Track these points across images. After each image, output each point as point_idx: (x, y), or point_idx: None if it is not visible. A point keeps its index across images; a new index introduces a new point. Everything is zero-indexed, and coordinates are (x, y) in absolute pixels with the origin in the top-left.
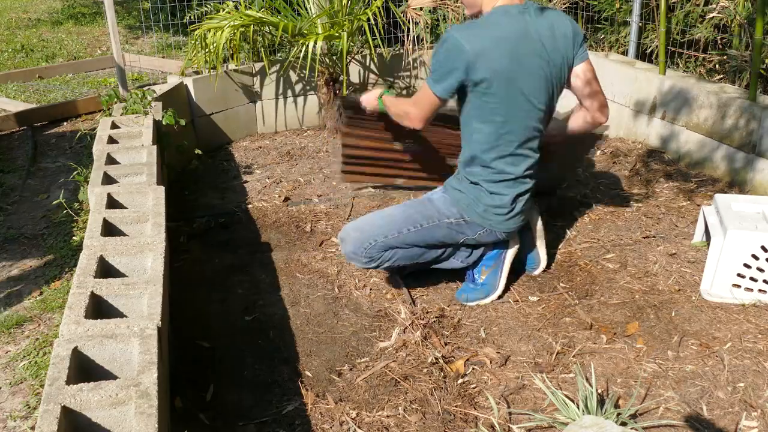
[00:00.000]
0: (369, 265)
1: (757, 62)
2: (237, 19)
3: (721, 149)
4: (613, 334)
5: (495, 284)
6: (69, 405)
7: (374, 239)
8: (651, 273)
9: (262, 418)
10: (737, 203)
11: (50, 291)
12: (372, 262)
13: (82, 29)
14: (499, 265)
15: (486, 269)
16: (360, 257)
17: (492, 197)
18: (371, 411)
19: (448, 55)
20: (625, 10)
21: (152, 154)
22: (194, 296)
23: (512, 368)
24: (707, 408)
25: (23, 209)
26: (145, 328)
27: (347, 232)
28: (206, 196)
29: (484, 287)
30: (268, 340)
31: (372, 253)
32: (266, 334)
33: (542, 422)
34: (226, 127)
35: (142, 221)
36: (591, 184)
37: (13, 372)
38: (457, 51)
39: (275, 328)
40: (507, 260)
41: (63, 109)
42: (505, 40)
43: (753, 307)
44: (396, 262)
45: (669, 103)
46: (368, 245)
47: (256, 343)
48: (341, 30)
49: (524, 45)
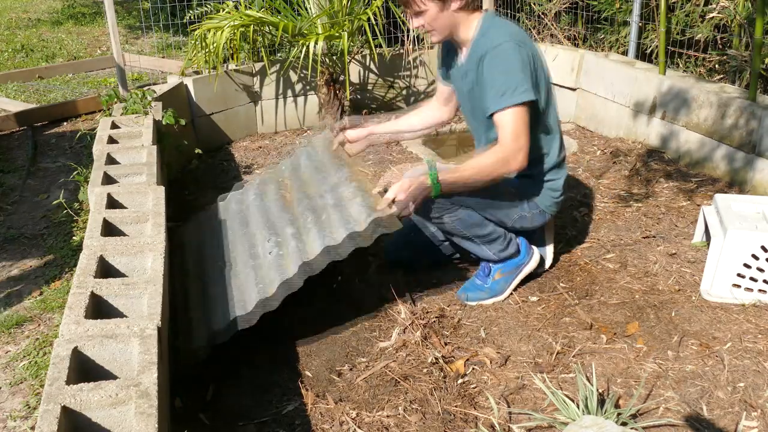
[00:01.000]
0: (431, 213)
1: (757, 62)
2: (237, 19)
3: (721, 149)
4: (613, 334)
5: (503, 290)
6: (69, 405)
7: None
8: (651, 273)
9: (262, 418)
10: (737, 203)
11: (50, 291)
12: (435, 212)
13: (82, 29)
14: (514, 274)
15: (502, 273)
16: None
17: (549, 182)
18: (371, 411)
19: (523, 61)
20: (625, 10)
21: (152, 154)
22: None
23: (512, 368)
24: (707, 408)
25: (23, 209)
26: (145, 328)
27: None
28: (206, 196)
29: (492, 289)
30: (268, 339)
31: (438, 201)
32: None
33: (542, 422)
34: (226, 127)
35: (142, 221)
36: (591, 184)
37: (13, 372)
38: (528, 54)
39: (275, 328)
40: (523, 273)
41: (63, 109)
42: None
43: (753, 307)
44: (454, 223)
45: (669, 103)
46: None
47: (256, 343)
48: (341, 30)
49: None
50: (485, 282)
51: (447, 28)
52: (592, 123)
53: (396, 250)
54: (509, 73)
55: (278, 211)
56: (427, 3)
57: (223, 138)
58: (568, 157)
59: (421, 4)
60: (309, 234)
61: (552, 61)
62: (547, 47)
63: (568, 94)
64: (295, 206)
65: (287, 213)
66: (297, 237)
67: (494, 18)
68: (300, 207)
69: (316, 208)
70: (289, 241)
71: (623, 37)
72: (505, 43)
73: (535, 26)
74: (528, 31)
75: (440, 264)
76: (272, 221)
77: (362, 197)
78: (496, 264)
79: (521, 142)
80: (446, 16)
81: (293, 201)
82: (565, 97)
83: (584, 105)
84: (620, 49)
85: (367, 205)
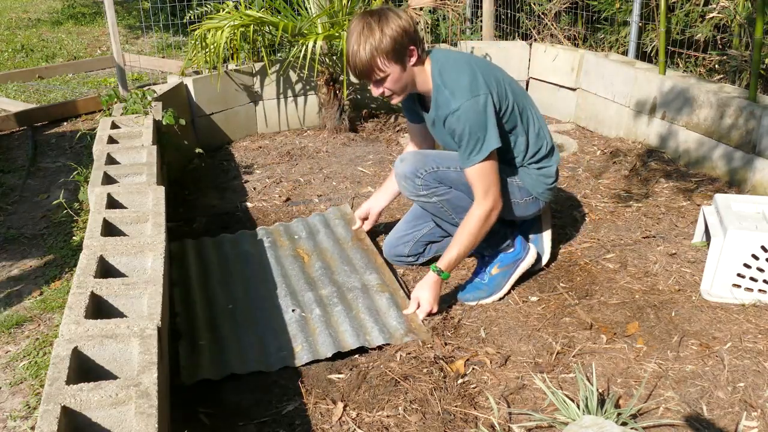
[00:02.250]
0: (420, 191)
1: (756, 62)
2: (237, 19)
3: (721, 149)
4: (613, 334)
5: (501, 285)
6: (69, 405)
7: (436, 165)
8: (651, 273)
9: (262, 418)
10: (737, 203)
11: (50, 291)
12: (424, 189)
13: (82, 29)
14: (511, 269)
15: (499, 267)
16: (415, 179)
17: (542, 170)
18: (371, 411)
19: (479, 114)
20: (625, 10)
21: (152, 154)
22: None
23: (512, 368)
24: (707, 408)
25: (23, 209)
26: (145, 328)
27: (408, 155)
28: (206, 196)
29: (490, 285)
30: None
31: (428, 181)
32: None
33: (542, 422)
34: (226, 127)
35: (142, 221)
36: (591, 184)
37: (13, 372)
38: (483, 101)
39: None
40: (521, 268)
41: (63, 109)
42: (476, 60)
43: (753, 307)
44: (443, 205)
45: (669, 103)
46: (429, 169)
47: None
48: (341, 30)
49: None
50: (483, 278)
51: (407, 86)
52: (592, 123)
53: (396, 246)
54: (471, 133)
55: (298, 271)
56: (389, 66)
57: (223, 138)
58: (568, 157)
59: (384, 69)
60: (338, 318)
61: (552, 61)
62: (547, 47)
63: (568, 94)
64: (316, 274)
65: (307, 277)
66: (321, 307)
67: (440, 59)
68: (322, 278)
69: (343, 296)
70: (312, 306)
71: (623, 37)
72: (461, 106)
73: (535, 26)
74: (528, 31)
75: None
76: (291, 279)
77: (397, 312)
78: (492, 259)
79: (492, 193)
80: (406, 75)
81: (312, 268)
82: (565, 97)
83: (584, 105)
84: (620, 49)
85: (403, 323)
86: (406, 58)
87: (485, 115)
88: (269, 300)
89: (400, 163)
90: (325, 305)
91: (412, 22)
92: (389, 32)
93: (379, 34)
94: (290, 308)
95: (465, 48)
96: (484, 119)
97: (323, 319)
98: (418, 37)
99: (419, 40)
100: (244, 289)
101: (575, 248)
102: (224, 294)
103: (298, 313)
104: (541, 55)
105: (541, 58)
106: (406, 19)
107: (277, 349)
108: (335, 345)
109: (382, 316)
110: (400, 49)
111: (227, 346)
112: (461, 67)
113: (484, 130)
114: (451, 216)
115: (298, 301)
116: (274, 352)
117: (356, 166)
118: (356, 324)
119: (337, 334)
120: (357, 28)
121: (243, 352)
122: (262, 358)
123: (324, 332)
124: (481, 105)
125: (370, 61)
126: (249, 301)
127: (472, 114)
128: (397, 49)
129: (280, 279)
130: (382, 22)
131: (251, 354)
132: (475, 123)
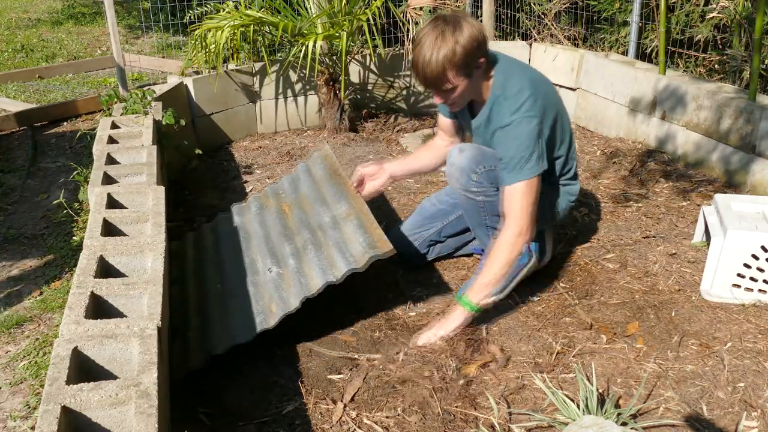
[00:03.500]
0: (471, 187)
1: (756, 62)
2: (237, 19)
3: (721, 149)
4: (613, 334)
5: (503, 287)
6: (69, 405)
7: (493, 165)
8: (651, 273)
9: (262, 418)
10: (737, 203)
11: (50, 291)
12: (476, 186)
13: (82, 29)
14: (515, 272)
15: None
16: (471, 174)
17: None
18: (371, 411)
19: (530, 136)
20: (625, 10)
21: (152, 154)
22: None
23: (512, 368)
24: (707, 408)
25: (23, 209)
26: (145, 328)
27: (467, 146)
28: (206, 196)
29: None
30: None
31: (483, 179)
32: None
33: (542, 422)
34: (226, 127)
35: (142, 221)
36: (591, 184)
37: (13, 372)
38: (536, 125)
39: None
40: (522, 273)
41: (63, 109)
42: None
43: (753, 307)
44: (485, 206)
45: (669, 103)
46: (487, 167)
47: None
48: (341, 30)
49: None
50: None
51: (470, 96)
52: (592, 123)
53: (400, 245)
54: (518, 150)
55: (279, 227)
56: (457, 80)
57: (223, 138)
58: None
59: (453, 81)
60: (309, 263)
61: (552, 61)
62: (547, 47)
63: (568, 94)
64: (294, 224)
65: (286, 230)
66: (296, 257)
67: (505, 70)
68: (299, 227)
69: (316, 238)
70: (287, 260)
71: (623, 37)
72: (514, 121)
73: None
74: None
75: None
76: (272, 238)
77: (363, 235)
78: None
79: (528, 216)
80: (472, 86)
81: (292, 219)
82: (565, 97)
83: (584, 105)
84: (620, 49)
85: (366, 240)
86: (474, 70)
87: (536, 136)
88: (252, 267)
89: (459, 153)
90: (300, 254)
91: (484, 31)
92: (463, 42)
93: (452, 44)
94: (268, 268)
95: None
96: (534, 140)
97: (297, 269)
98: (487, 46)
99: (488, 50)
100: (232, 264)
101: (575, 248)
102: (215, 275)
103: (275, 272)
104: (541, 55)
105: (541, 58)
106: (478, 28)
107: (257, 314)
108: (303, 291)
109: (348, 244)
110: (472, 61)
111: (213, 331)
112: (524, 84)
113: (532, 150)
114: (484, 217)
115: (277, 258)
116: (256, 320)
117: (356, 166)
118: (325, 263)
119: (307, 280)
120: (430, 35)
121: (228, 332)
122: (245, 330)
123: (297, 283)
124: (534, 126)
125: (441, 73)
126: (236, 275)
127: (522, 133)
128: (468, 63)
129: (262, 241)
130: (457, 32)
131: (235, 331)
132: (524, 142)
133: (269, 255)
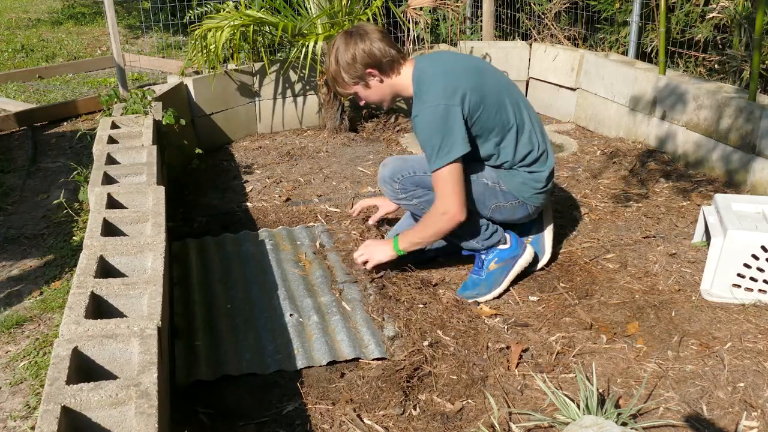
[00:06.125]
0: (398, 194)
1: (756, 61)
2: (237, 19)
3: (721, 149)
4: (613, 334)
5: (499, 281)
6: (69, 405)
7: (413, 170)
8: (651, 273)
9: (262, 418)
10: (737, 203)
11: (50, 291)
12: (402, 193)
13: (82, 29)
14: (509, 264)
15: (497, 263)
16: (393, 183)
17: (531, 174)
18: (371, 411)
19: (437, 123)
20: (625, 10)
21: (152, 154)
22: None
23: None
24: (707, 408)
25: (23, 209)
26: (145, 328)
27: (390, 160)
28: (206, 196)
29: (488, 281)
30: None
31: (406, 184)
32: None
33: (542, 422)
34: (226, 127)
35: (142, 221)
36: (591, 184)
37: (13, 372)
38: (443, 110)
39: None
40: (518, 265)
41: (63, 109)
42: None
43: (753, 307)
44: (424, 206)
45: (669, 103)
46: (406, 174)
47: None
48: (341, 30)
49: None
50: (480, 274)
51: (386, 95)
52: (592, 123)
53: None
54: (429, 139)
55: (296, 275)
56: (350, 87)
57: (223, 138)
58: (568, 156)
59: (346, 88)
60: (334, 325)
61: (552, 61)
62: (547, 47)
63: (568, 94)
64: (314, 278)
65: (305, 281)
66: (318, 313)
67: (423, 68)
68: (319, 282)
69: (342, 305)
70: (309, 312)
71: (623, 37)
72: (420, 113)
73: (535, 26)
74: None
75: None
76: (289, 281)
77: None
78: (487, 255)
79: (452, 197)
80: (376, 89)
81: (312, 272)
82: (565, 97)
83: (584, 105)
84: (620, 49)
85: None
86: (369, 78)
87: (445, 123)
88: (268, 302)
89: (382, 168)
90: (323, 313)
91: (381, 47)
92: (346, 58)
93: (350, 54)
94: (288, 312)
95: (465, 48)
96: (443, 127)
97: (320, 326)
98: (388, 55)
99: (389, 58)
100: (244, 289)
101: (575, 248)
102: (224, 294)
103: (296, 318)
104: (541, 55)
105: (541, 58)
106: (375, 45)
107: (274, 352)
108: (331, 353)
109: (377, 329)
110: (355, 73)
111: (223, 347)
112: (437, 77)
113: (442, 137)
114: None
115: (297, 306)
116: (270, 354)
117: (356, 166)
118: (352, 334)
119: (333, 342)
120: (338, 44)
121: (239, 354)
122: (258, 360)
123: (320, 339)
124: (440, 113)
125: (335, 77)
126: (248, 302)
127: (429, 122)
128: (352, 74)
129: (281, 282)
130: (349, 45)
131: (247, 356)
132: (433, 130)
133: (288, 299)
